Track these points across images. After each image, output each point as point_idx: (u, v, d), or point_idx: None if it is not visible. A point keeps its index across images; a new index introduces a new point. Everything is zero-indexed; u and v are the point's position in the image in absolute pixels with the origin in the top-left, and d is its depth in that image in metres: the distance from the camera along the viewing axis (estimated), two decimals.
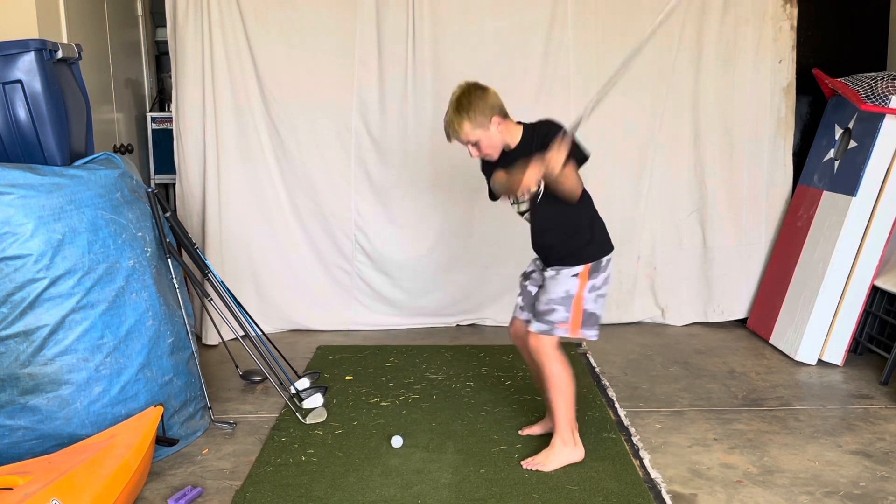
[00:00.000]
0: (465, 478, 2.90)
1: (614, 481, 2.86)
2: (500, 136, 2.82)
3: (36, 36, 3.43)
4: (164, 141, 4.83)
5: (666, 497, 2.77)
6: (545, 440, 3.14)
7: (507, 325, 4.67)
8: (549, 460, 2.97)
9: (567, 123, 2.72)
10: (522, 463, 2.99)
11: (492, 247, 4.69)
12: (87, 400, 2.86)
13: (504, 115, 2.84)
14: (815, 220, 4.32)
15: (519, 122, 2.90)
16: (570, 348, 4.34)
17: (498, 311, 4.75)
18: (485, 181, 3.04)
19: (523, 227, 4.80)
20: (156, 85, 5.15)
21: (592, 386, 3.80)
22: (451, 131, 2.84)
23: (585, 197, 2.92)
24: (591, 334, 2.95)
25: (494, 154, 2.87)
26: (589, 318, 2.93)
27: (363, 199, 4.64)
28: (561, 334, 2.94)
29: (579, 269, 2.91)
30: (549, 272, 2.97)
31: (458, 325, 4.82)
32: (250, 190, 4.57)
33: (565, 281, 2.91)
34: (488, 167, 2.97)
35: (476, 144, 2.85)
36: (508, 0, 4.47)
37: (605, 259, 2.95)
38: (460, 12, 4.46)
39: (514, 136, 2.86)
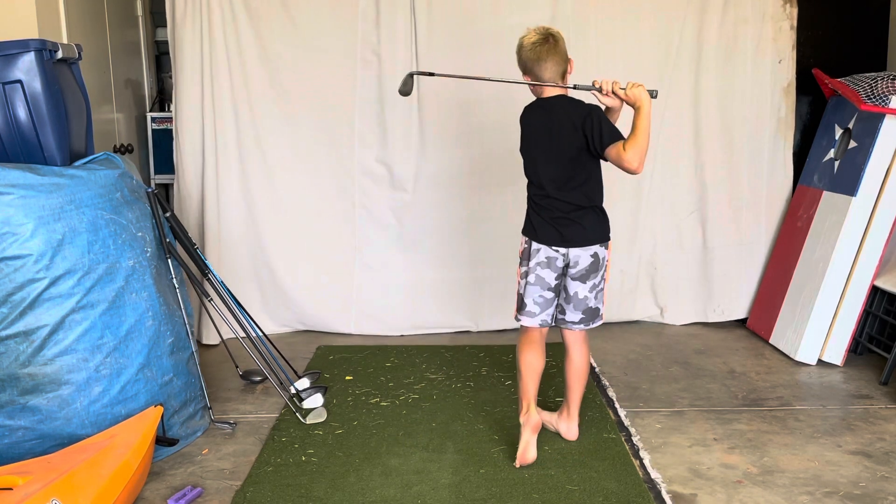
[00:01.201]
0: (465, 478, 2.90)
1: (614, 481, 2.87)
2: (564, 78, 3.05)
3: (36, 36, 3.43)
4: (164, 141, 4.82)
5: (666, 497, 2.78)
6: (545, 440, 3.16)
7: (507, 326, 4.71)
8: (520, 447, 3.00)
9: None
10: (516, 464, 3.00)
11: (494, 246, 4.69)
12: (87, 400, 2.86)
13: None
14: (815, 220, 4.32)
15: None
16: None
17: (499, 310, 4.75)
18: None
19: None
20: (156, 85, 5.15)
21: (592, 386, 3.79)
22: (552, 44, 3.00)
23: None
24: (520, 318, 3.10)
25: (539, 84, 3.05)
26: (520, 302, 3.11)
27: (365, 198, 4.63)
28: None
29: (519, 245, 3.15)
30: None
31: (463, 331, 4.80)
32: (250, 189, 4.57)
33: None
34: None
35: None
36: (509, 0, 4.47)
37: (532, 245, 3.04)
38: (461, 12, 4.47)
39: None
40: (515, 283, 3.14)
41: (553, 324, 3.13)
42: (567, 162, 2.96)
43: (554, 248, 3.01)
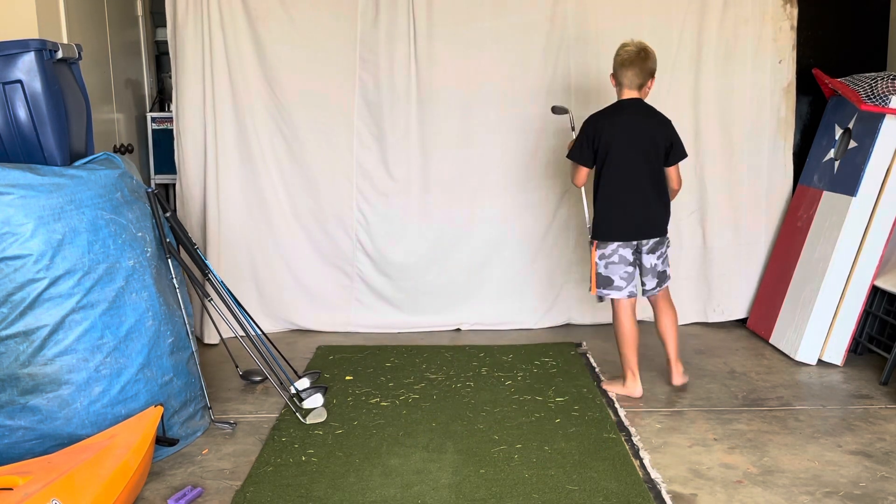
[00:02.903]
0: (465, 478, 2.90)
1: (614, 481, 2.87)
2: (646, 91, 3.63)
3: (36, 36, 3.43)
4: (164, 141, 4.83)
5: (666, 497, 2.78)
6: (545, 440, 3.15)
7: (507, 328, 4.71)
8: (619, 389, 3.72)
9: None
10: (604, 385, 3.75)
11: (493, 248, 4.69)
12: (87, 400, 2.86)
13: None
14: (815, 220, 4.32)
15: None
16: (570, 348, 4.35)
17: (498, 312, 4.75)
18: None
19: (524, 229, 4.81)
20: (156, 85, 5.15)
21: (592, 386, 3.80)
22: (642, 57, 3.54)
23: (600, 182, 3.62)
24: (607, 293, 3.65)
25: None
26: (603, 280, 3.64)
27: (364, 199, 4.64)
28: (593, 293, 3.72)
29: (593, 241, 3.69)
30: None
31: (458, 329, 4.80)
32: (250, 190, 4.58)
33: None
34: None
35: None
36: (508, 0, 4.47)
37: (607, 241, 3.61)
38: (461, 12, 4.47)
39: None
40: (592, 268, 3.65)
41: (638, 293, 3.66)
42: (654, 157, 3.54)
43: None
